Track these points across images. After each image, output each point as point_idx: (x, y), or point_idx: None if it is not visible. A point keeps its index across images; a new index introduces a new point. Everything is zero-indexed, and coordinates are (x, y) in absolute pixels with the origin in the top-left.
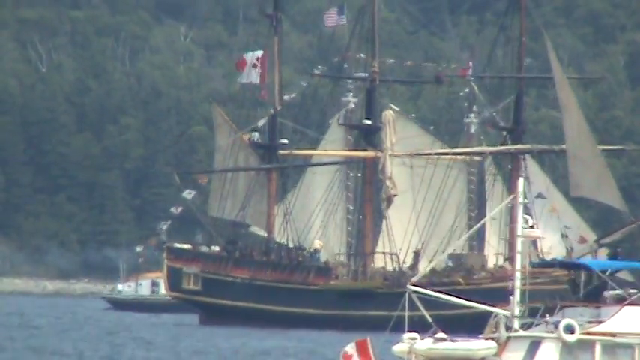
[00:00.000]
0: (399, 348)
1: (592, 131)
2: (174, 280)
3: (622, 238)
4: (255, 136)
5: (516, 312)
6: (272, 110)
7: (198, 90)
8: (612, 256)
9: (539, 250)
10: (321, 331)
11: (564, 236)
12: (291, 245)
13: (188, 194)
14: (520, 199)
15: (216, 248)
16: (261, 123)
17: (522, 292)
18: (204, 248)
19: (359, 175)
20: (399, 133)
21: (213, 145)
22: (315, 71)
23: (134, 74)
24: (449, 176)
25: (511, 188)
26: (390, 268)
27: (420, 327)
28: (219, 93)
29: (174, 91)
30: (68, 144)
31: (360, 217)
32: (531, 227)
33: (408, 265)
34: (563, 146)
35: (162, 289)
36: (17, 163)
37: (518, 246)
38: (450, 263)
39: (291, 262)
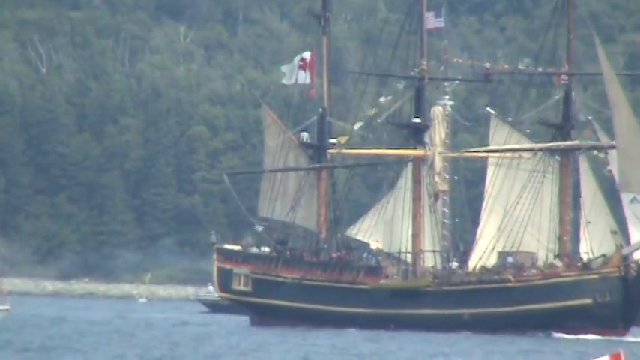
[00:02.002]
0: None
1: None
2: (225, 281)
3: None
4: (305, 136)
5: None
6: (320, 110)
7: (198, 90)
8: None
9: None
10: (376, 330)
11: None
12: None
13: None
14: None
15: (266, 249)
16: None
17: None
18: (254, 249)
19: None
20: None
21: (213, 145)
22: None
23: (134, 75)
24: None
25: (561, 185)
26: (439, 266)
27: (471, 325)
28: (219, 94)
29: (174, 92)
30: (68, 145)
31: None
32: None
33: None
34: (613, 143)
35: None
36: (17, 163)
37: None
38: (511, 260)
39: (346, 263)
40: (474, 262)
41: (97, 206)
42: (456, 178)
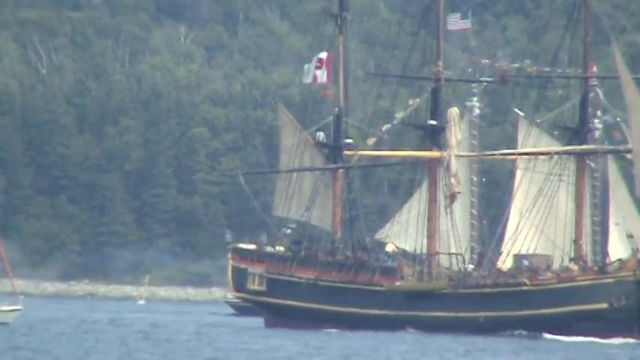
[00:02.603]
0: None
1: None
2: (239, 280)
3: None
4: (321, 135)
5: None
6: (337, 110)
7: (199, 91)
8: None
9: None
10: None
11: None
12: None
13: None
14: None
15: (281, 249)
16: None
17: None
18: (268, 249)
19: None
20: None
21: (213, 146)
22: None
23: (134, 75)
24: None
25: (578, 189)
26: (455, 268)
27: (487, 328)
28: (220, 94)
29: (174, 93)
30: (68, 145)
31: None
32: None
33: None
34: (630, 146)
35: None
36: (17, 164)
37: None
38: (526, 264)
39: (361, 264)
40: (503, 262)
41: (97, 207)
42: (483, 179)
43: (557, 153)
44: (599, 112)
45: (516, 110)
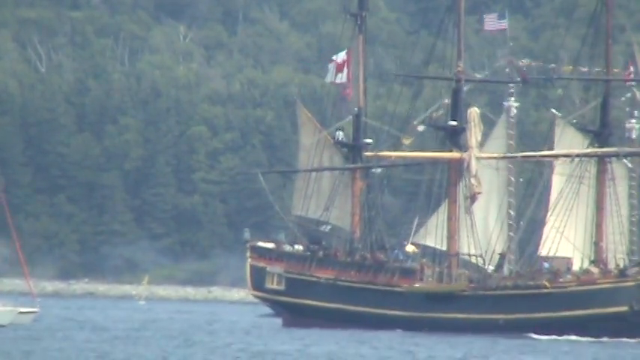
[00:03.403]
0: None
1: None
2: (258, 279)
3: None
4: (340, 135)
5: None
6: (356, 109)
7: (198, 90)
8: None
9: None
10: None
11: None
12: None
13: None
14: None
15: (300, 247)
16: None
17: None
18: (287, 248)
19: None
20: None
21: (212, 145)
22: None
23: (133, 74)
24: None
25: (598, 191)
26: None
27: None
28: (219, 93)
29: (174, 91)
30: (68, 144)
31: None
32: None
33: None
34: None
35: None
36: (17, 163)
37: None
38: (547, 266)
39: (381, 264)
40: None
41: (96, 206)
42: (521, 180)
43: (577, 156)
44: (636, 112)
45: (553, 110)
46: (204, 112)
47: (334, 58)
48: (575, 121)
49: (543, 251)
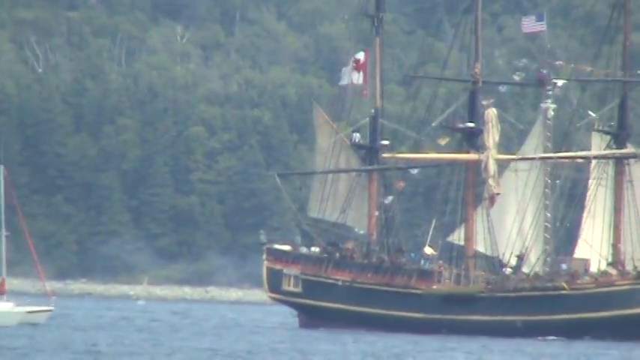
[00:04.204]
0: None
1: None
2: (274, 281)
3: None
4: (357, 136)
5: None
6: (373, 111)
7: (195, 90)
8: None
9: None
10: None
11: None
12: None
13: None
14: None
15: (316, 250)
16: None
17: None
18: (303, 250)
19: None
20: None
21: (210, 145)
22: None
23: (131, 75)
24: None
25: (616, 193)
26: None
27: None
28: (216, 94)
29: (171, 92)
30: (65, 145)
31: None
32: None
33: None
34: None
35: None
36: (14, 163)
37: None
38: (564, 268)
39: (398, 266)
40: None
41: (94, 206)
42: (557, 182)
43: (595, 157)
44: None
45: (590, 112)
46: (201, 112)
47: (352, 59)
48: (612, 123)
49: (578, 254)
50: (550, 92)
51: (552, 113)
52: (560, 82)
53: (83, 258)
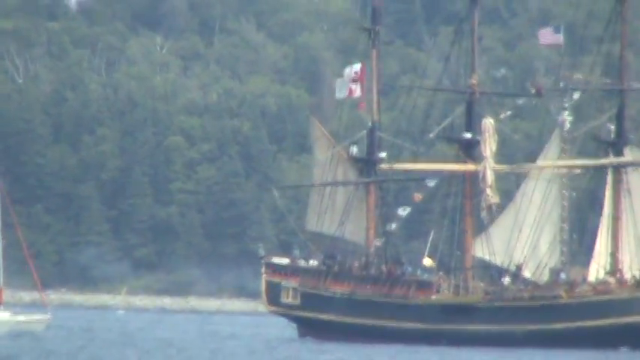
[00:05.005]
0: None
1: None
2: (273, 294)
3: None
4: (354, 149)
5: None
6: (370, 123)
7: (175, 101)
8: None
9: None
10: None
11: None
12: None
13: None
14: None
15: (314, 262)
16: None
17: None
18: (302, 262)
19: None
20: None
21: (189, 155)
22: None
23: (110, 85)
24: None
25: (614, 202)
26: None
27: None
28: (196, 104)
29: (151, 102)
30: (44, 155)
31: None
32: None
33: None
34: None
35: None
36: None
37: None
38: (563, 277)
39: (396, 278)
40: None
41: (73, 217)
42: (574, 194)
43: (594, 166)
44: None
45: (608, 125)
46: (181, 122)
47: (347, 71)
48: (632, 137)
49: (593, 266)
50: (567, 104)
51: (569, 126)
52: (576, 95)
53: (63, 268)
